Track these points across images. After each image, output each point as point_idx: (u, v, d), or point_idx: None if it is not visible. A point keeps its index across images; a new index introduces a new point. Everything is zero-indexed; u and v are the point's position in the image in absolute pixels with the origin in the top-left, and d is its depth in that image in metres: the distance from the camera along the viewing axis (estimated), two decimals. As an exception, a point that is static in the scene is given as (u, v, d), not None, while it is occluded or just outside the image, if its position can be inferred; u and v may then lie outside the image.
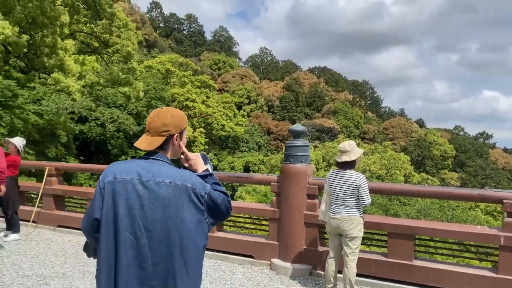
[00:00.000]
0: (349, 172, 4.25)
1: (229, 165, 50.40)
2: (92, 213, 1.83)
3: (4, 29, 17.57)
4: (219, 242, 5.37)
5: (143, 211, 1.74)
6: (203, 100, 51.05)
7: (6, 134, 18.58)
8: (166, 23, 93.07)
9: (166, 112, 1.96)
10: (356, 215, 4.15)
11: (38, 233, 6.54)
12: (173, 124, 1.92)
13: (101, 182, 1.84)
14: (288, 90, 71.75)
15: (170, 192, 1.75)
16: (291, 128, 5.14)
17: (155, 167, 1.82)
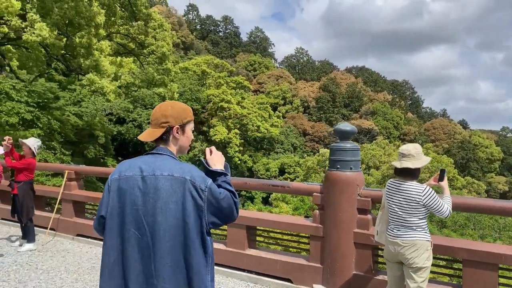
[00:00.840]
0: (411, 184, 3.32)
1: (264, 166, 49.71)
2: (99, 211, 1.87)
3: (42, 30, 17.63)
4: (250, 261, 4.59)
5: (145, 206, 1.73)
6: (238, 101, 50.64)
7: (43, 135, 18.69)
8: (202, 25, 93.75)
9: (167, 104, 1.96)
10: (422, 238, 3.23)
11: (55, 243, 6.02)
12: (173, 116, 1.88)
13: (108, 181, 1.87)
14: (324, 91, 70.26)
15: (167, 185, 1.73)
16: (337, 128, 4.27)
17: (158, 162, 1.81)
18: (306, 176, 39.38)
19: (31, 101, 18.87)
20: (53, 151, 19.09)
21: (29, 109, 17.98)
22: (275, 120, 55.32)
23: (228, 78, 54.22)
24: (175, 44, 68.00)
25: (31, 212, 5.69)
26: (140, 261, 1.72)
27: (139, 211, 1.74)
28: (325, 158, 36.95)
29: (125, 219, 1.75)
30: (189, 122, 1.96)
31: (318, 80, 79.98)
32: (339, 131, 4.23)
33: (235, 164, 47.81)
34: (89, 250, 5.71)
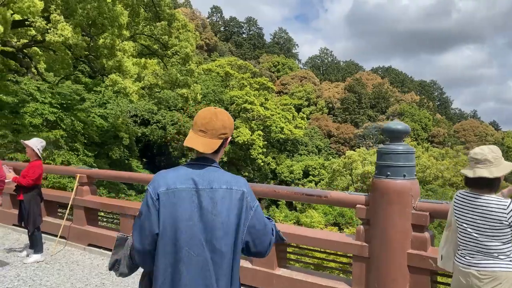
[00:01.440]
0: (489, 198, 2.56)
1: (288, 169, 48.95)
2: (151, 228, 1.68)
3: (64, 30, 17.51)
4: (282, 283, 3.92)
5: (202, 222, 1.64)
6: (262, 102, 50.05)
7: (66, 136, 18.56)
8: (226, 27, 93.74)
9: (223, 113, 1.87)
10: (506, 269, 2.49)
11: (65, 253, 5.51)
12: (230, 127, 1.84)
13: (153, 193, 1.70)
14: (350, 91, 68.93)
15: (227, 198, 1.68)
16: (388, 127, 3.54)
17: (210, 173, 1.73)
18: (331, 179, 38.42)
19: (55, 102, 18.77)
20: (76, 152, 18.94)
21: (53, 110, 17.87)
22: (299, 121, 54.43)
23: (252, 80, 53.75)
24: (198, 46, 68.12)
25: (38, 220, 5.19)
26: (195, 283, 1.63)
27: (195, 227, 1.64)
28: (351, 161, 35.94)
29: (178, 236, 1.64)
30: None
31: (343, 81, 78.58)
32: (389, 130, 3.51)
33: (258, 166, 47.25)
34: (101, 262, 5.17)
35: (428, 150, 48.63)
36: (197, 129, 1.79)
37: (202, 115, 1.82)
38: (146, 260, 1.74)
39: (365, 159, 37.08)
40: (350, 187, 36.48)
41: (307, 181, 47.86)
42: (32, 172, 5.11)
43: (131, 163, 30.11)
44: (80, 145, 19.55)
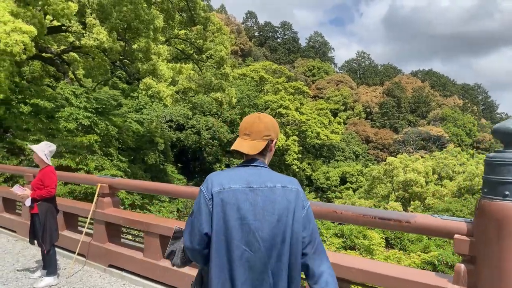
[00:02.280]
0: None
1: (324, 175, 47.56)
2: (200, 227, 1.71)
3: (99, 34, 17.32)
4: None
5: (258, 220, 1.66)
6: (297, 107, 49.02)
7: (100, 141, 18.30)
8: (260, 32, 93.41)
9: (266, 116, 1.92)
10: None
11: (82, 276, 4.77)
12: (273, 129, 1.88)
13: (206, 193, 1.74)
14: (388, 96, 66.66)
15: (282, 196, 1.70)
16: (504, 127, 2.51)
17: (263, 173, 1.77)
18: (370, 187, 36.79)
19: (90, 106, 18.58)
20: (110, 157, 18.66)
21: (87, 114, 17.65)
22: (336, 126, 52.96)
23: (286, 84, 52.84)
24: (233, 52, 67.96)
25: (55, 237, 4.49)
26: (252, 280, 1.63)
27: (250, 226, 1.65)
28: (392, 168, 34.24)
29: (233, 235, 1.64)
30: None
31: (381, 85, 76.25)
32: (506, 131, 2.48)
33: (293, 171, 46.17)
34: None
35: (474, 157, 45.89)
36: (242, 134, 1.85)
37: (246, 120, 1.88)
38: (197, 258, 1.76)
39: (406, 166, 35.27)
40: (390, 195, 34.74)
41: (344, 188, 46.28)
42: (49, 180, 4.42)
43: (166, 168, 29.93)
44: (114, 150, 19.27)
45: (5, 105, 15.08)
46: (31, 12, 14.99)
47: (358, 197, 37.74)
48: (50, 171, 4.47)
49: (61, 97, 18.08)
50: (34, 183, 4.50)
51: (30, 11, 15.05)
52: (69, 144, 15.54)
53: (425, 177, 34.25)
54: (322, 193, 46.27)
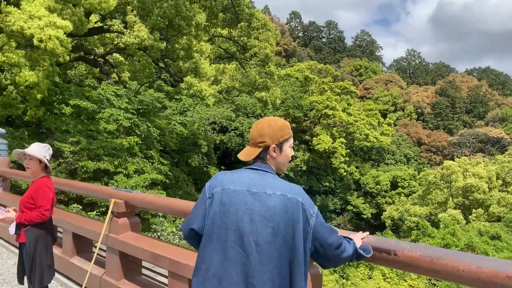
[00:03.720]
0: None
1: (373, 179, 45.08)
2: (190, 221, 1.81)
3: (140, 31, 16.59)
4: None
5: (254, 225, 1.66)
6: (344, 107, 46.80)
7: (141, 143, 17.51)
8: (305, 32, 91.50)
9: (264, 122, 1.89)
10: None
11: (89, 324, 3.58)
12: (269, 135, 1.84)
13: (208, 192, 1.81)
14: (442, 95, 62.74)
15: (280, 205, 1.68)
16: None
17: (265, 179, 1.76)
18: (426, 192, 34.11)
19: (131, 108, 17.86)
20: (150, 160, 17.84)
21: (128, 116, 16.90)
22: (386, 128, 50.12)
23: (333, 84, 50.78)
24: (277, 52, 66.72)
25: (47, 276, 3.27)
26: (241, 280, 1.63)
27: (245, 229, 1.66)
28: (450, 172, 31.48)
29: (228, 235, 1.67)
30: (286, 140, 1.89)
31: (433, 84, 72.12)
32: None
33: (340, 175, 44.10)
34: None
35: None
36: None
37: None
38: (192, 243, 1.87)
39: (466, 170, 32.34)
40: (448, 202, 31.99)
41: (395, 193, 43.57)
42: (43, 198, 3.21)
43: (210, 170, 29.14)
44: (156, 152, 18.45)
45: (46, 106, 14.57)
46: (71, 9, 14.40)
47: (412, 203, 35.17)
48: (45, 185, 3.26)
49: (102, 98, 17.47)
50: (23, 201, 3.30)
51: (70, 8, 14.47)
52: (108, 146, 14.80)
53: (487, 182, 31.19)
54: (371, 198, 43.85)
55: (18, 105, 12.87)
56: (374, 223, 43.57)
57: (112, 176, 14.65)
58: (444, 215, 28.45)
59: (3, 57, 11.24)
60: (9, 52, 11.68)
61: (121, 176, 14.50)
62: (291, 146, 1.91)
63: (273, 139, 1.81)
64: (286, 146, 1.86)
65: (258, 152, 1.81)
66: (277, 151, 1.82)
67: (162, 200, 3.41)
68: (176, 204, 3.08)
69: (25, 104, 13.15)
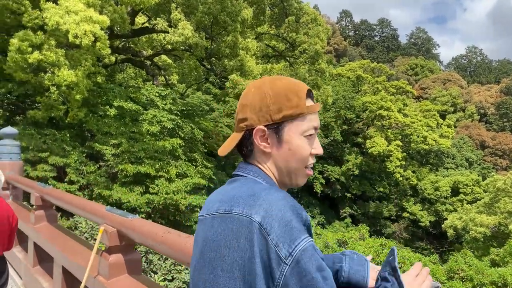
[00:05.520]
0: None
1: (432, 185, 42.00)
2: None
3: (184, 29, 15.92)
4: None
5: (195, 269, 1.02)
6: (400, 108, 44.12)
7: (184, 146, 16.74)
8: (356, 31, 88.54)
9: (253, 85, 1.10)
10: None
11: None
12: (253, 107, 1.04)
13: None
14: (507, 94, 57.83)
15: (220, 232, 0.95)
16: None
17: (234, 190, 1.02)
18: (493, 200, 30.95)
19: (175, 108, 17.17)
20: (194, 163, 17.02)
21: (171, 117, 16.18)
22: (445, 129, 46.60)
23: (387, 83, 48.17)
24: (327, 52, 64.73)
25: None
26: None
27: (195, 273, 1.01)
28: (522, 178, 28.28)
29: (191, 275, 1.08)
30: (291, 119, 1.03)
31: (497, 83, 66.87)
32: None
33: (395, 180, 41.58)
34: None
35: None
36: None
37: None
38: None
39: (542, 176, 28.94)
40: (520, 212, 28.74)
41: (457, 200, 40.24)
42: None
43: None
44: (199, 155, 17.61)
45: (89, 107, 14.14)
46: (112, 7, 13.88)
47: (477, 212, 32.10)
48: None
49: (146, 99, 16.93)
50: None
51: (112, 5, 13.96)
52: (150, 149, 14.10)
53: None
54: (430, 205, 40.94)
55: (59, 106, 12.43)
56: (433, 231, 40.64)
57: (153, 180, 13.94)
58: (516, 226, 25.54)
59: (41, 56, 10.78)
60: (48, 50, 11.22)
61: (162, 180, 13.73)
62: (309, 134, 1.03)
63: (260, 114, 1.01)
64: (290, 130, 1.01)
65: (237, 140, 1.05)
66: (270, 138, 1.02)
67: (173, 238, 2.18)
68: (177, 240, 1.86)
69: (66, 105, 12.72)
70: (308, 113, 1.02)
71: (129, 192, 12.64)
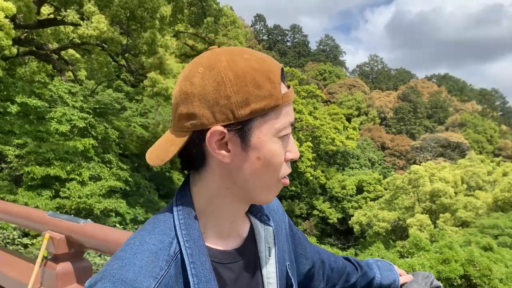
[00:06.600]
0: None
1: (339, 183, 44.81)
2: None
3: (99, 23, 15.00)
4: None
5: None
6: (310, 111, 46.39)
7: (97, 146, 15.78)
8: (269, 35, 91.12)
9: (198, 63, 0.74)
10: None
11: None
12: (205, 97, 0.69)
13: None
14: (404, 100, 63.97)
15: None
16: None
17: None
18: (393, 197, 33.97)
19: (87, 106, 16.09)
20: (108, 165, 16.12)
21: (83, 115, 15.14)
22: (351, 132, 50.14)
23: (299, 87, 50.36)
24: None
25: None
26: None
27: None
28: (417, 176, 31.46)
29: None
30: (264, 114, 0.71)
31: (395, 90, 73.55)
32: None
33: (306, 180, 43.59)
34: None
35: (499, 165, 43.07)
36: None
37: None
38: None
39: (433, 174, 32.46)
40: (415, 207, 31.92)
41: (361, 198, 43.41)
42: None
43: (172, 176, 27.65)
44: (114, 156, 16.73)
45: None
46: (16, -7, 12.58)
47: (379, 208, 34.99)
48: None
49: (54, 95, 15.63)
50: None
51: (15, -9, 12.64)
52: (60, 150, 13.04)
53: (453, 187, 31.41)
54: (337, 203, 43.60)
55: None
56: (340, 228, 43.28)
57: (64, 183, 12.94)
58: (412, 220, 28.31)
59: None
60: None
61: (74, 184, 12.79)
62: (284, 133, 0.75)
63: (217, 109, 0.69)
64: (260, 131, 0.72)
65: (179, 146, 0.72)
66: (231, 144, 0.72)
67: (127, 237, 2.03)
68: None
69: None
70: (284, 104, 0.74)
71: (36, 196, 11.58)
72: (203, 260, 0.70)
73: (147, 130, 25.91)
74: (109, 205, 13.41)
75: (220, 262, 0.75)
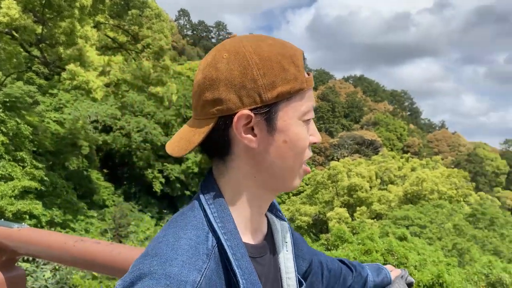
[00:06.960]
0: None
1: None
2: None
3: (10, 9, 13.77)
4: None
5: None
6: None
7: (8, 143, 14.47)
8: (194, 31, 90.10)
9: (221, 50, 0.73)
10: None
11: None
12: (231, 82, 0.70)
13: None
14: (323, 100, 67.03)
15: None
16: None
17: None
18: (313, 192, 35.54)
19: (-6, 99, 14.69)
20: (21, 163, 14.87)
21: (-10, 109, 13.80)
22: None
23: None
24: (166, 49, 64.07)
25: None
26: None
27: None
28: (336, 172, 33.25)
29: None
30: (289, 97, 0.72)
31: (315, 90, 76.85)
32: None
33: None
34: None
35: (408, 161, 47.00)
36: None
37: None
38: None
39: (350, 170, 34.54)
40: (334, 201, 33.73)
41: (284, 193, 44.84)
42: None
43: (91, 174, 26.23)
44: (27, 154, 15.46)
45: None
46: None
47: (301, 203, 36.39)
48: None
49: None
50: None
51: None
52: (-37, 147, 11.76)
53: (369, 181, 33.71)
54: (261, 199, 44.51)
55: None
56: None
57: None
58: (332, 213, 29.81)
59: None
60: None
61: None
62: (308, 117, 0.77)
63: (243, 93, 0.69)
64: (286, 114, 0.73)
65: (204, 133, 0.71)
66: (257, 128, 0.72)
67: (92, 246, 1.91)
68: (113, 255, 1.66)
69: None
70: (307, 88, 0.75)
71: None
72: (242, 252, 0.70)
73: (63, 126, 24.25)
74: (23, 207, 12.41)
75: (252, 256, 0.75)
